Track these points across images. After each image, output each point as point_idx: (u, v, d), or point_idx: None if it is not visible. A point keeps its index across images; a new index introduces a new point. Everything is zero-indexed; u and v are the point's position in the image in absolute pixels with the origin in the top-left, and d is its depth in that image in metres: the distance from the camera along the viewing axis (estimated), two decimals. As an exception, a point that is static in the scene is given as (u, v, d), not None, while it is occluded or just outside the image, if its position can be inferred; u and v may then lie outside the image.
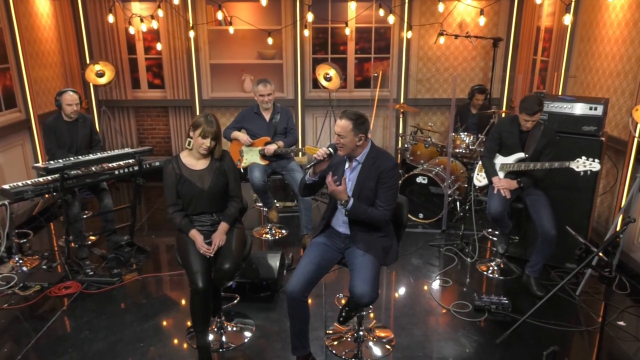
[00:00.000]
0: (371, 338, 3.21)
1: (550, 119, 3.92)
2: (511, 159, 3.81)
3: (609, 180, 4.50)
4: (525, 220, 4.20)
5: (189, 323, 3.37)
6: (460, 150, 5.33)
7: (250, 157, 4.51)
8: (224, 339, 3.21)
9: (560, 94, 5.27)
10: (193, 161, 3.00)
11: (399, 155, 6.67)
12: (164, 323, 3.44)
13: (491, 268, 4.18)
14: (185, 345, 3.20)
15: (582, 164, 3.40)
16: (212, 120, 2.90)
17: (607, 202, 4.58)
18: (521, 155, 3.75)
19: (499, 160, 3.90)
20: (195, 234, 2.92)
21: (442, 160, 5.44)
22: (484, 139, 5.29)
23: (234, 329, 3.32)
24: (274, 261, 3.77)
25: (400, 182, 5.05)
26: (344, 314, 3.05)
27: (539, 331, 3.34)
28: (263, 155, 4.49)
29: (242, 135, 4.49)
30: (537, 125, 3.70)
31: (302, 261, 2.81)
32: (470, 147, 5.30)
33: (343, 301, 3.39)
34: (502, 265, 4.15)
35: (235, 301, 3.38)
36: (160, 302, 3.70)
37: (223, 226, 2.99)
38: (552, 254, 3.75)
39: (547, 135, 3.68)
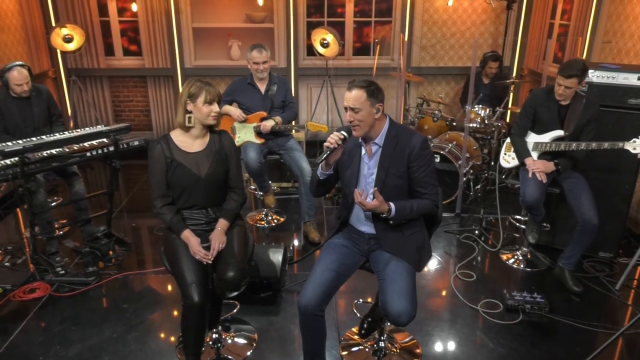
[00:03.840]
0: (394, 350, 2.75)
1: (589, 90, 3.42)
2: (547, 138, 3.33)
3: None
4: (554, 205, 3.76)
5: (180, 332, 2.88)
6: (475, 125, 4.83)
7: (244, 135, 3.94)
8: (221, 354, 2.72)
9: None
10: (188, 142, 2.45)
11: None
12: (151, 334, 2.93)
13: (515, 257, 3.75)
14: (175, 362, 2.71)
15: (640, 145, 2.94)
16: (208, 82, 2.42)
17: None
18: (560, 133, 3.27)
19: (532, 138, 3.41)
20: (189, 236, 2.39)
21: (454, 136, 4.93)
22: (501, 112, 4.80)
23: (234, 339, 2.83)
24: (276, 256, 3.26)
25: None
26: (365, 325, 2.59)
27: (580, 335, 2.93)
28: (258, 133, 3.93)
29: (234, 110, 3.90)
30: (579, 97, 3.21)
31: (317, 267, 2.30)
32: (487, 121, 4.81)
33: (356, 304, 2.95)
34: (528, 255, 3.72)
35: (235, 310, 2.88)
36: (145, 307, 3.18)
37: (222, 224, 2.46)
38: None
39: (589, 110, 3.19)
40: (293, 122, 4.16)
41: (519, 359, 2.73)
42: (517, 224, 4.28)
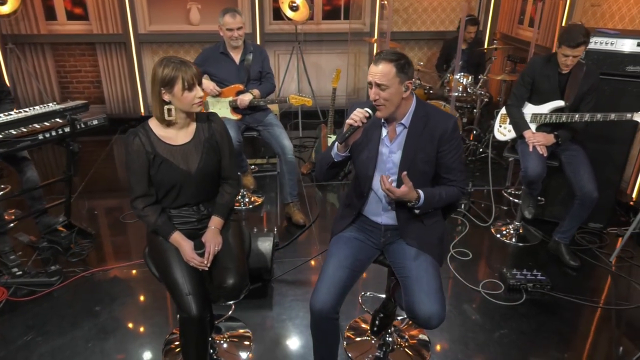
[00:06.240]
0: (403, 344, 2.58)
1: (587, 57, 3.27)
2: (545, 109, 3.17)
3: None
4: (546, 176, 3.65)
5: (167, 336, 2.59)
6: (456, 94, 4.64)
7: (219, 111, 3.56)
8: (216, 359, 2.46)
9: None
10: (171, 132, 2.07)
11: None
12: (131, 340, 2.61)
13: (507, 232, 3.65)
14: (164, 371, 2.43)
15: (650, 116, 2.82)
16: (182, 60, 1.97)
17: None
18: (560, 103, 3.12)
19: (529, 109, 3.25)
20: (179, 239, 2.05)
21: (434, 105, 4.72)
22: (485, 79, 4.64)
23: (228, 342, 2.57)
24: (266, 245, 2.99)
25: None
26: (377, 322, 2.38)
27: (584, 312, 2.87)
28: (234, 108, 3.56)
29: (206, 83, 3.50)
30: (579, 65, 3.05)
31: (329, 265, 2.05)
32: (469, 89, 4.63)
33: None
34: (520, 230, 3.63)
35: (230, 312, 2.60)
36: (121, 308, 2.85)
37: (217, 222, 2.13)
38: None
39: (590, 78, 3.04)
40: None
41: (529, 343, 2.63)
42: (510, 198, 4.17)
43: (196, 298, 1.93)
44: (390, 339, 2.54)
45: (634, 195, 3.88)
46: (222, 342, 2.54)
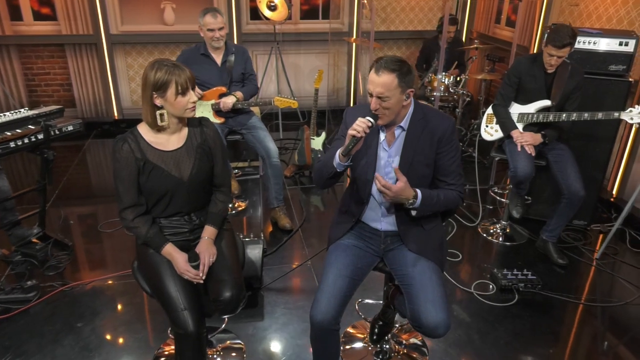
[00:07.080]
0: (401, 350, 2.53)
1: (570, 56, 3.29)
2: (532, 108, 3.18)
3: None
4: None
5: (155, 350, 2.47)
6: (438, 94, 4.63)
7: (201, 115, 3.44)
8: (209, 375, 2.36)
9: (541, 26, 4.71)
10: (162, 138, 1.97)
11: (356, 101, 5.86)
12: (117, 355, 2.48)
13: (494, 231, 3.66)
14: (154, 389, 2.31)
15: (638, 115, 2.84)
16: (175, 64, 1.88)
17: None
18: (546, 103, 3.13)
19: (516, 109, 3.25)
20: (172, 252, 1.95)
21: (416, 105, 4.71)
22: (466, 79, 4.64)
23: (221, 355, 2.46)
24: (255, 252, 2.90)
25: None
26: (377, 330, 2.33)
27: (576, 311, 2.89)
28: (217, 111, 3.45)
29: (188, 86, 3.38)
30: (564, 65, 3.07)
31: (329, 274, 1.97)
32: (451, 89, 4.63)
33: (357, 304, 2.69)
34: (507, 229, 3.63)
35: (224, 325, 2.50)
36: (104, 322, 2.71)
37: (210, 232, 2.04)
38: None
39: (575, 77, 3.07)
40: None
41: (526, 344, 2.62)
42: (497, 197, 4.17)
43: (192, 313, 1.83)
44: (387, 347, 2.49)
45: (614, 192, 3.95)
46: (215, 356, 2.44)
